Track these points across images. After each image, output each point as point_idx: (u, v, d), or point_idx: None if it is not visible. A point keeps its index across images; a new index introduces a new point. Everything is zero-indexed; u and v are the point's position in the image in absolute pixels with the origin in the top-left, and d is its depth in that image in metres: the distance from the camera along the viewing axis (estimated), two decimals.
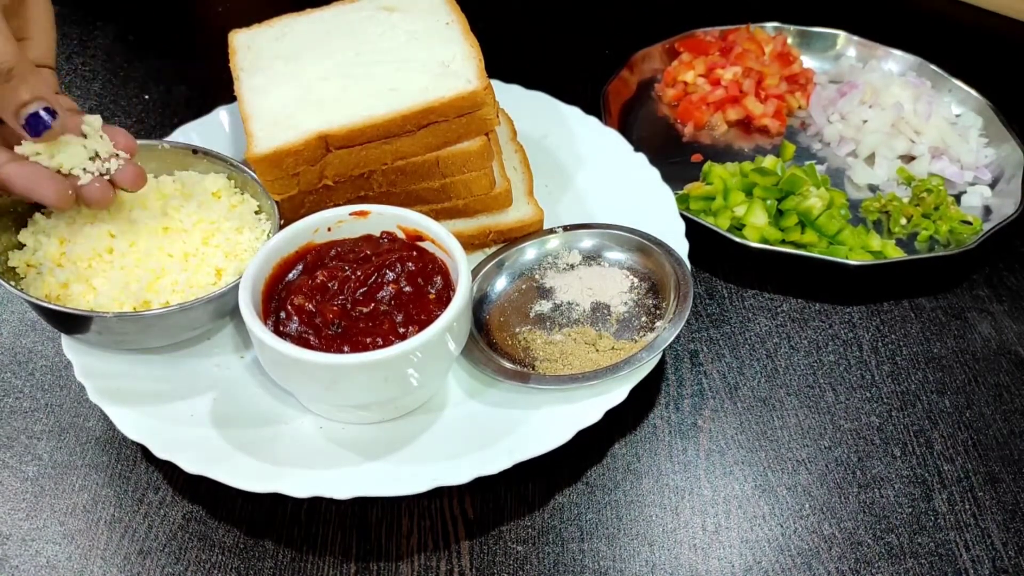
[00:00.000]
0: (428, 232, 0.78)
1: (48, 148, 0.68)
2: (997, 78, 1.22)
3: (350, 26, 0.93)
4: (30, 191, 0.67)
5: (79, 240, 0.76)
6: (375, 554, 0.72)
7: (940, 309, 0.93)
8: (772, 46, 1.21)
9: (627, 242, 0.88)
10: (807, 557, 0.73)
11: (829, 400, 0.84)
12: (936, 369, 0.87)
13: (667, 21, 1.28)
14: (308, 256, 0.78)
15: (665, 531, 0.74)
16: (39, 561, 0.71)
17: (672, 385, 0.85)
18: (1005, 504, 0.77)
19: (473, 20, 0.92)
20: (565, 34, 1.34)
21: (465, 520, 0.74)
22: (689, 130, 1.15)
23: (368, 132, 0.83)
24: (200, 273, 0.77)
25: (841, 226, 0.96)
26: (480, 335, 0.82)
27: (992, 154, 1.09)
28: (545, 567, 0.71)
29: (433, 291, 0.75)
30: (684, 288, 0.82)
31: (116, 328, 0.74)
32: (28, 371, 0.85)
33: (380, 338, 0.71)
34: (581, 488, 0.77)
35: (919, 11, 1.41)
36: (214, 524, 0.74)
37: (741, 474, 0.78)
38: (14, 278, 0.76)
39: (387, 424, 0.76)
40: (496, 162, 0.93)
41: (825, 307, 0.93)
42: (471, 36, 0.90)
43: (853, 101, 1.14)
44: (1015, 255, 1.00)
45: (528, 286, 0.87)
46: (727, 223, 0.98)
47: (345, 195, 0.87)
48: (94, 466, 0.78)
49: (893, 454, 0.80)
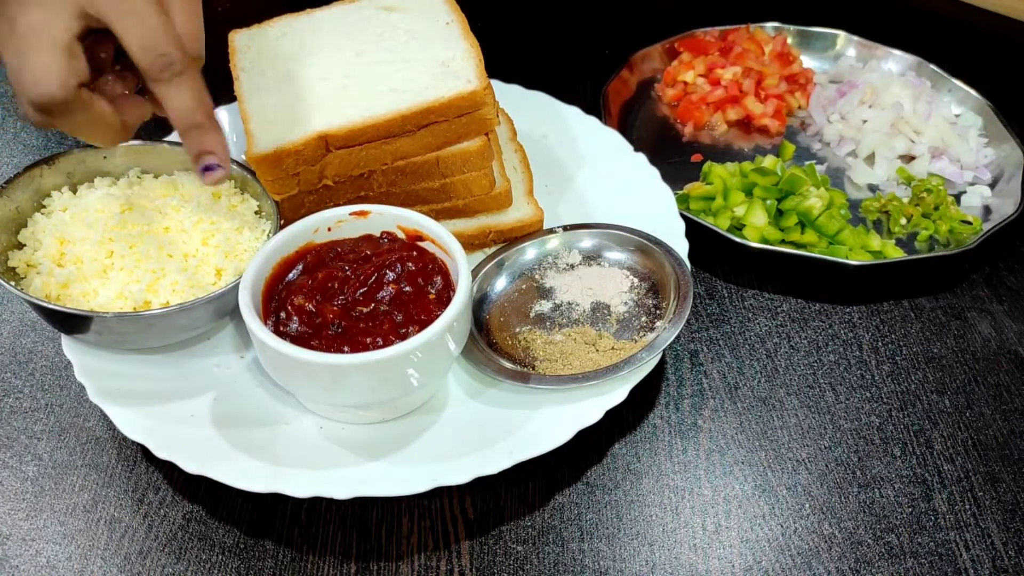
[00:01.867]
0: (428, 232, 0.78)
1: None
2: (997, 78, 1.22)
3: (350, 26, 0.93)
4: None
5: (79, 240, 0.76)
6: (375, 554, 0.72)
7: (940, 309, 0.93)
8: (772, 46, 1.21)
9: (627, 242, 0.88)
10: (807, 557, 0.73)
11: (829, 400, 0.84)
12: (936, 369, 0.87)
13: (667, 21, 1.28)
14: (308, 256, 0.78)
15: (665, 531, 0.74)
16: (39, 561, 0.71)
17: (672, 385, 0.85)
18: (1005, 504, 0.77)
19: (473, 20, 0.92)
20: (565, 34, 1.34)
21: (465, 520, 0.74)
22: (689, 130, 1.15)
23: (368, 132, 0.83)
24: (200, 273, 0.77)
25: (841, 226, 0.96)
26: (480, 335, 0.82)
27: (992, 154, 1.09)
28: (545, 567, 0.71)
29: (433, 291, 0.75)
30: (684, 288, 0.82)
31: (116, 328, 0.74)
32: (28, 371, 0.85)
33: (380, 338, 0.71)
34: (581, 488, 0.77)
35: (919, 11, 1.41)
36: (214, 524, 0.74)
37: (741, 474, 0.78)
38: (14, 278, 0.76)
39: (387, 424, 0.76)
40: (496, 162, 0.93)
41: (825, 307, 0.93)
42: (471, 36, 0.90)
43: (853, 101, 1.14)
44: (1015, 255, 1.00)
45: (528, 286, 0.87)
46: (727, 223, 0.98)
47: (345, 195, 0.87)
48: (94, 466, 0.78)
49: (893, 454, 0.80)
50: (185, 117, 0.67)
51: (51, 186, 0.82)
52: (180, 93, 0.66)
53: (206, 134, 0.69)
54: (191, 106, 0.67)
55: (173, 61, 0.65)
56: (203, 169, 0.70)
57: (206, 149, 0.69)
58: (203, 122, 0.68)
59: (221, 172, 0.70)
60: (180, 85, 0.66)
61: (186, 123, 0.68)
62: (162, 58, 0.64)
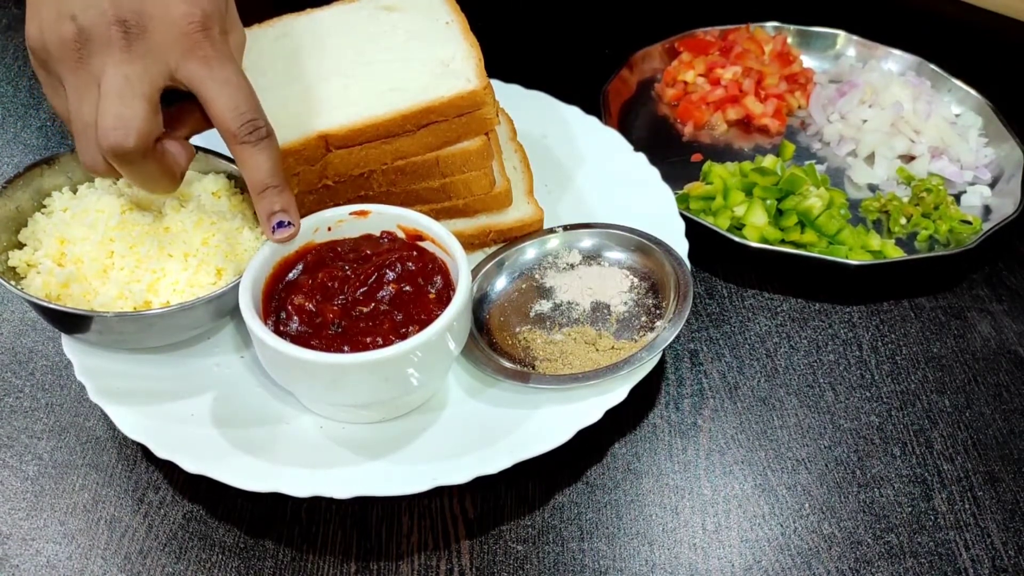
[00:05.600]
0: (428, 232, 0.78)
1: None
2: (997, 78, 1.22)
3: (350, 26, 0.93)
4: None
5: (79, 240, 0.76)
6: (375, 554, 0.72)
7: (940, 309, 0.93)
8: (772, 46, 1.21)
9: (627, 242, 0.88)
10: (807, 557, 0.73)
11: (829, 400, 0.84)
12: (936, 369, 0.87)
13: (667, 21, 1.28)
14: (308, 256, 0.78)
15: (665, 530, 0.74)
16: (39, 560, 0.71)
17: (672, 385, 0.85)
18: (1005, 504, 0.77)
19: (473, 20, 0.92)
20: (565, 34, 1.34)
21: (465, 520, 0.74)
22: (689, 130, 1.15)
23: (368, 132, 0.83)
24: (200, 273, 0.77)
25: (841, 226, 0.96)
26: (480, 335, 0.82)
27: (992, 154, 1.09)
28: (545, 566, 0.71)
29: (433, 291, 0.75)
30: (684, 288, 0.82)
31: (116, 328, 0.74)
32: (28, 371, 0.85)
33: (380, 338, 0.71)
34: (581, 488, 0.77)
35: (919, 11, 1.41)
36: (214, 524, 0.74)
37: (741, 474, 0.78)
38: (14, 278, 0.76)
39: (387, 424, 0.76)
40: (496, 162, 0.93)
41: (825, 307, 0.93)
42: (471, 35, 0.90)
43: (853, 101, 1.14)
44: (1015, 255, 1.00)
45: (528, 286, 0.87)
46: (727, 223, 0.98)
47: (345, 195, 0.87)
48: (94, 466, 0.78)
49: (893, 454, 0.80)
50: (264, 179, 0.72)
51: (52, 186, 0.82)
52: (262, 156, 0.71)
53: (279, 195, 0.73)
54: (270, 169, 0.72)
55: (260, 127, 0.70)
56: (275, 227, 0.74)
57: (279, 209, 0.74)
58: (279, 183, 0.73)
59: (293, 230, 0.75)
60: (264, 149, 0.71)
61: (264, 185, 0.72)
62: (251, 123, 0.69)
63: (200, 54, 0.67)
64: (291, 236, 0.75)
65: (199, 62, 0.67)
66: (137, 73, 0.66)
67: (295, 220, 0.75)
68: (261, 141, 0.70)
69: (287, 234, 0.74)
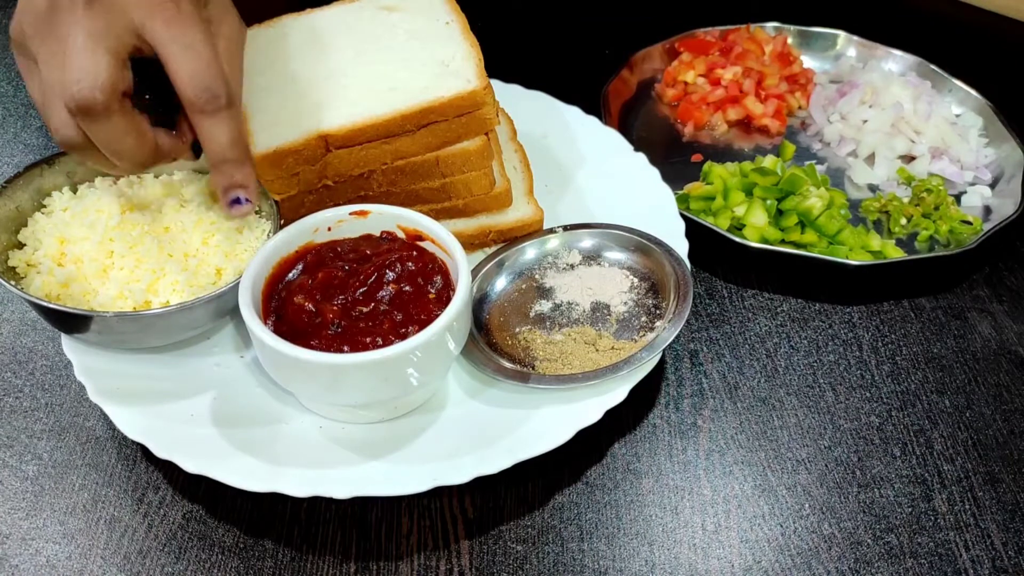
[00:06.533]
0: (428, 232, 0.78)
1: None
2: (997, 78, 1.22)
3: (350, 26, 0.93)
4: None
5: (79, 240, 0.76)
6: (375, 554, 0.72)
7: (940, 309, 0.93)
8: (772, 46, 1.21)
9: (627, 242, 0.88)
10: (807, 557, 0.73)
11: (829, 400, 0.84)
12: (936, 369, 0.87)
13: (667, 21, 1.28)
14: (308, 256, 0.78)
15: (665, 531, 0.74)
16: (39, 560, 0.71)
17: (672, 385, 0.85)
18: (1005, 504, 0.77)
19: (473, 20, 0.92)
20: (565, 34, 1.34)
21: (465, 520, 0.74)
22: (689, 130, 1.15)
23: (368, 132, 0.83)
24: (200, 273, 0.77)
25: (841, 226, 0.96)
26: (480, 335, 0.82)
27: (992, 154, 1.09)
28: (545, 567, 0.71)
29: (433, 291, 0.75)
30: (684, 288, 0.82)
31: (116, 328, 0.74)
32: (28, 371, 0.85)
33: (380, 338, 0.71)
34: (581, 488, 0.77)
35: (919, 11, 1.41)
36: (214, 524, 0.74)
37: (741, 474, 0.78)
38: (14, 277, 0.76)
39: (387, 424, 0.76)
40: (496, 162, 0.93)
41: (825, 307, 0.93)
42: (471, 36, 0.90)
43: (853, 101, 1.14)
44: (1015, 255, 1.00)
45: (528, 286, 0.87)
46: (727, 223, 0.98)
47: (345, 195, 0.87)
48: (94, 466, 0.78)
49: (893, 454, 0.80)
50: (221, 151, 0.70)
51: (52, 186, 0.82)
52: (220, 128, 0.69)
53: (239, 169, 0.72)
54: (229, 141, 0.70)
55: (219, 95, 0.68)
56: (231, 202, 0.73)
57: (236, 183, 0.73)
58: (237, 157, 0.71)
59: (248, 207, 0.74)
60: (222, 120, 0.69)
61: (220, 157, 0.71)
62: (208, 91, 0.67)
63: (165, 15, 0.65)
64: (247, 213, 0.74)
65: (162, 23, 0.65)
66: (99, 29, 0.64)
67: (253, 197, 0.73)
68: (219, 112, 0.68)
69: (243, 210, 0.73)
